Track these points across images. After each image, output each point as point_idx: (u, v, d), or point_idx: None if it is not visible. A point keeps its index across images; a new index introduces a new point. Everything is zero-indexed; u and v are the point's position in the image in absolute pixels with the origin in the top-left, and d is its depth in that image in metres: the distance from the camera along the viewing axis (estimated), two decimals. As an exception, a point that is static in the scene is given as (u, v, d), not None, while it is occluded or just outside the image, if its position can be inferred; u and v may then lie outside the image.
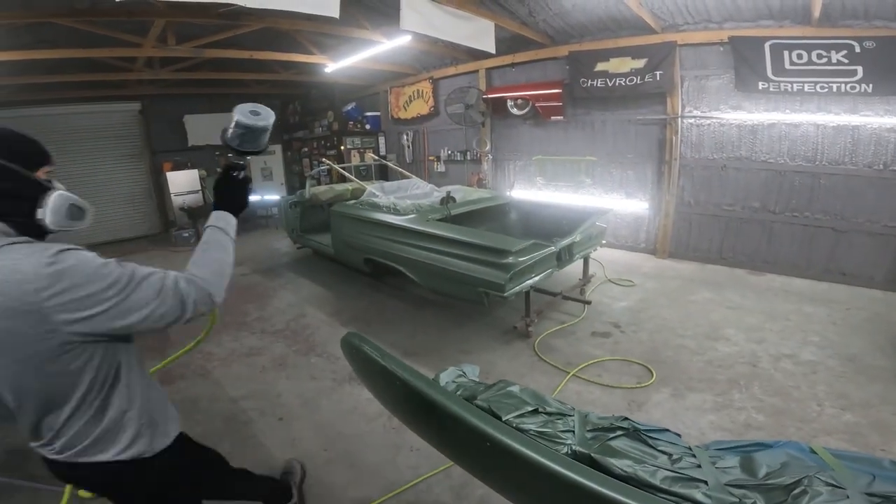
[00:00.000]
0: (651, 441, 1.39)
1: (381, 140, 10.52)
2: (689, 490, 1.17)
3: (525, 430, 1.44)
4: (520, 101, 7.61)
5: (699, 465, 1.26)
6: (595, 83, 6.72)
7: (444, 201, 5.11)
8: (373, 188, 4.47)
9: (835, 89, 5.10)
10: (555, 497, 1.17)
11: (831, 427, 2.91)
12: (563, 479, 1.08)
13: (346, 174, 6.10)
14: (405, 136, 10.02)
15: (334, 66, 8.02)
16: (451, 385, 1.87)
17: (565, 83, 7.09)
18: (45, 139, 1.39)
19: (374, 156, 8.20)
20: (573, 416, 1.52)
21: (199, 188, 10.33)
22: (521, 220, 5.86)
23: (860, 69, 4.93)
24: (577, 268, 5.25)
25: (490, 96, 7.91)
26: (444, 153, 9.25)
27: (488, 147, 8.51)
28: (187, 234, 9.27)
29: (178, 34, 6.31)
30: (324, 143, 11.19)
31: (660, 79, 6.20)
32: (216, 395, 3.67)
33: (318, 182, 7.98)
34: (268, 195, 10.70)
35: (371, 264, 5.33)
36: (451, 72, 8.72)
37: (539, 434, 1.43)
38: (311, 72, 9.48)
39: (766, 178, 5.90)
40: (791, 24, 5.30)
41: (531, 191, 7.79)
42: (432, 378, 1.79)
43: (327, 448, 2.99)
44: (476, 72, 8.33)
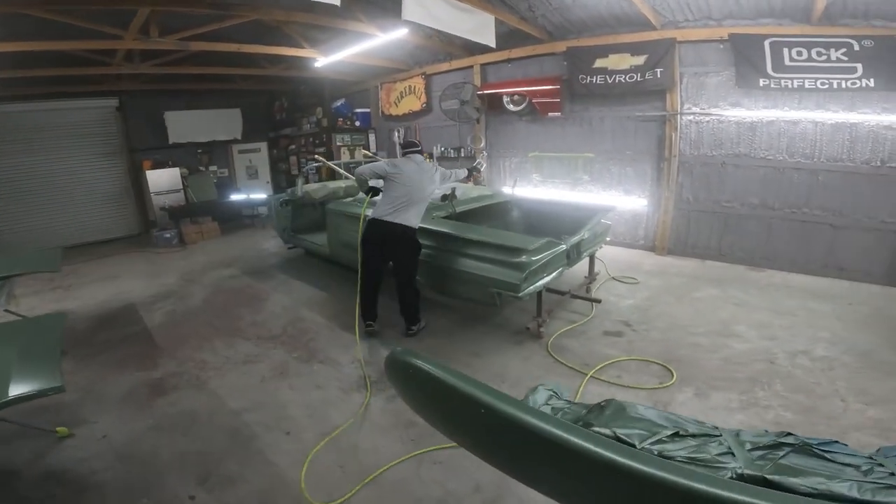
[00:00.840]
0: (828, 454, 1.27)
1: (372, 137, 10.28)
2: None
3: (671, 458, 1.25)
4: (516, 97, 7.47)
5: (893, 473, 1.16)
6: (594, 80, 6.63)
7: (445, 198, 4.95)
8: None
9: (835, 85, 5.11)
10: None
11: (859, 423, 2.89)
12: None
13: (339, 170, 5.86)
14: (396, 133, 9.78)
15: (325, 60, 7.78)
16: (545, 408, 1.66)
17: (563, 79, 6.98)
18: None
19: (367, 152, 7.95)
20: (722, 436, 1.36)
21: (181, 187, 9.95)
22: (522, 217, 5.73)
23: (859, 66, 4.95)
24: (581, 266, 5.15)
25: (486, 92, 7.74)
26: (437, 150, 9.05)
27: (483, 144, 8.35)
28: (169, 235, 8.87)
29: (161, 26, 5.99)
30: (312, 140, 10.90)
31: (660, 76, 6.13)
32: (215, 408, 3.43)
33: (307, 180, 7.68)
34: (253, 194, 10.36)
35: None
36: (445, 67, 8.52)
37: (691, 460, 1.26)
38: (300, 66, 9.16)
39: (764, 175, 5.90)
40: (791, 22, 5.29)
41: (527, 187, 7.65)
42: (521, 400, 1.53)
43: (343, 465, 2.78)
44: (471, 67, 8.15)
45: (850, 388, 3.23)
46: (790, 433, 1.38)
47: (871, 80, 4.93)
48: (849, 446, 1.37)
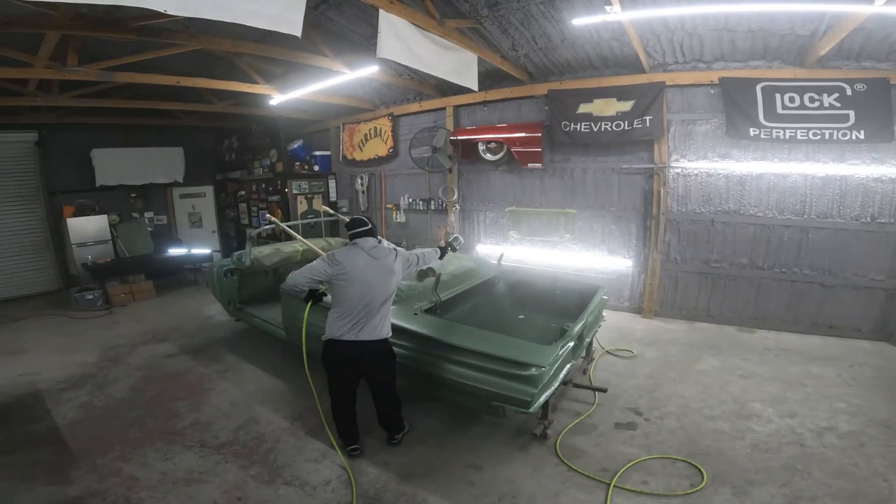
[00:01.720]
0: None
1: (332, 183, 9.42)
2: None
3: None
4: (493, 145, 6.94)
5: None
6: (578, 127, 6.21)
7: (423, 275, 4.19)
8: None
9: (827, 136, 5.08)
10: None
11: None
12: None
13: (296, 235, 4.97)
14: (359, 180, 8.98)
15: (281, 97, 7.03)
16: None
17: (545, 125, 6.52)
18: None
19: (326, 208, 7.01)
20: None
21: (109, 238, 8.67)
22: (511, 292, 5.12)
23: (852, 113, 4.90)
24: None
25: (460, 138, 7.15)
26: (403, 201, 8.34)
27: (456, 196, 7.73)
28: (92, 297, 7.59)
29: (82, 52, 5.09)
30: (265, 186, 9.97)
31: (649, 124, 5.81)
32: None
33: (256, 242, 6.63)
34: (196, 248, 9.19)
35: None
36: (415, 108, 7.93)
37: None
38: (252, 103, 8.37)
39: (754, 233, 5.77)
40: (782, 64, 5.26)
41: (504, 247, 6.99)
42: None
43: None
44: (443, 109, 7.59)
45: (888, 466, 3.16)
46: None
47: (860, 132, 4.93)
48: None
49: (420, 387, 3.75)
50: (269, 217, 5.50)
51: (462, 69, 5.16)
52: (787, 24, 4.60)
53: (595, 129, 6.10)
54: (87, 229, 8.49)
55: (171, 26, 5.04)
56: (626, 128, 5.92)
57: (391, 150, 8.34)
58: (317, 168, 9.45)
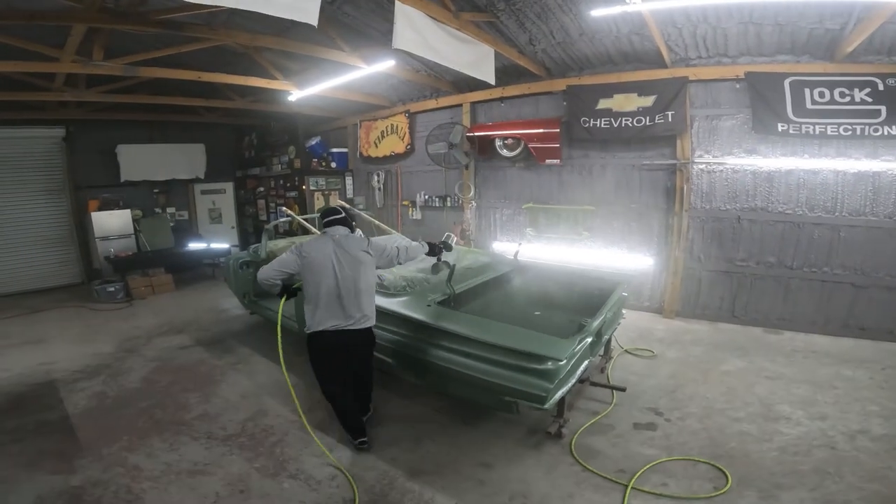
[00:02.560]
0: None
1: (349, 180, 9.45)
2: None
3: None
4: (510, 141, 6.85)
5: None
6: (597, 123, 6.09)
7: (437, 269, 4.14)
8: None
9: (858, 132, 4.91)
10: None
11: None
12: None
13: (312, 228, 4.96)
14: (376, 177, 8.97)
15: (300, 93, 7.05)
16: None
17: (563, 121, 6.41)
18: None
19: (343, 202, 7.03)
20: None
21: (132, 232, 8.83)
22: (527, 287, 5.01)
23: (883, 109, 4.72)
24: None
25: (476, 134, 7.08)
26: (420, 198, 8.31)
27: (472, 192, 7.65)
28: (113, 289, 7.73)
29: (107, 48, 5.17)
30: (283, 182, 10.03)
31: (671, 120, 5.66)
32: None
33: (274, 234, 6.68)
34: (215, 243, 9.30)
35: None
36: (432, 105, 7.88)
37: None
38: (271, 100, 8.42)
39: (783, 231, 5.56)
40: (811, 59, 5.08)
41: (526, 246, 6.89)
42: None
43: None
44: (459, 106, 7.54)
45: (923, 469, 3.00)
46: None
47: (893, 128, 4.75)
48: None
49: (431, 381, 3.67)
50: (286, 210, 5.52)
51: (478, 62, 5.09)
52: (815, 18, 4.45)
53: (615, 125, 5.97)
54: (110, 223, 8.65)
55: (192, 20, 5.09)
56: (647, 123, 5.78)
57: (408, 146, 8.31)
58: (334, 165, 9.46)
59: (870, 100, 4.75)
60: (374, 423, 3.72)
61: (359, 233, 3.85)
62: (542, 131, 6.51)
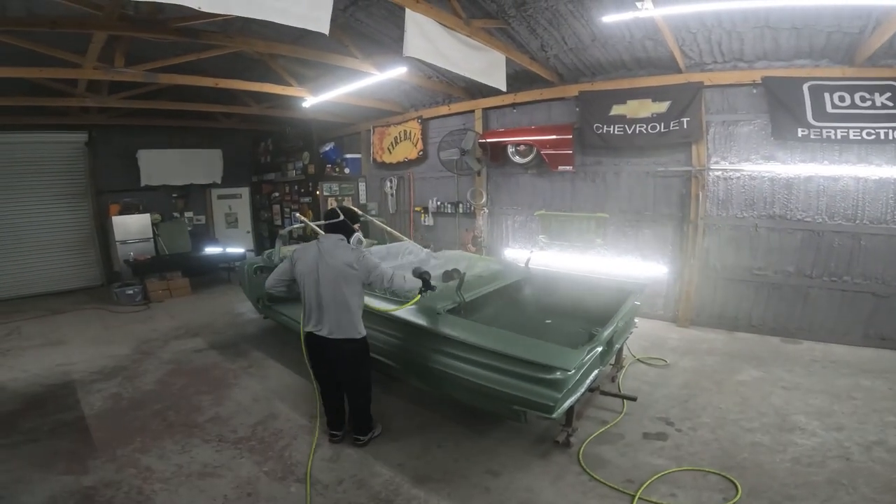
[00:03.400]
0: None
1: (362, 186, 9.51)
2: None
3: None
4: (523, 148, 6.83)
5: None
6: (611, 129, 6.04)
7: (448, 277, 4.17)
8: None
9: (881, 136, 4.78)
10: None
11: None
12: None
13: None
14: (389, 183, 9.03)
15: (314, 99, 7.15)
16: None
17: (576, 127, 6.37)
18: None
19: (355, 208, 7.06)
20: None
21: (151, 236, 9.00)
22: (538, 296, 5.00)
23: None
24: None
25: (489, 140, 7.08)
26: (432, 204, 8.33)
27: (484, 199, 7.64)
28: (132, 292, 7.88)
29: (128, 54, 5.30)
30: (297, 187, 10.16)
31: (686, 126, 5.59)
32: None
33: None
34: (231, 247, 9.43)
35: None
36: (444, 111, 7.91)
37: None
38: (286, 106, 8.54)
39: (802, 240, 5.44)
40: (829, 63, 5.00)
41: (534, 251, 6.84)
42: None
43: None
44: (472, 112, 7.55)
45: (940, 482, 2.93)
46: None
47: None
48: None
49: (440, 388, 3.66)
50: (299, 216, 5.58)
51: (490, 69, 5.09)
52: (833, 21, 4.37)
53: (629, 132, 5.92)
54: (130, 227, 8.82)
55: (209, 28, 5.19)
56: (661, 130, 5.72)
57: (420, 152, 8.35)
58: (347, 171, 9.54)
59: (891, 104, 4.66)
60: (380, 437, 3.68)
61: (357, 239, 3.86)
62: (554, 138, 6.48)
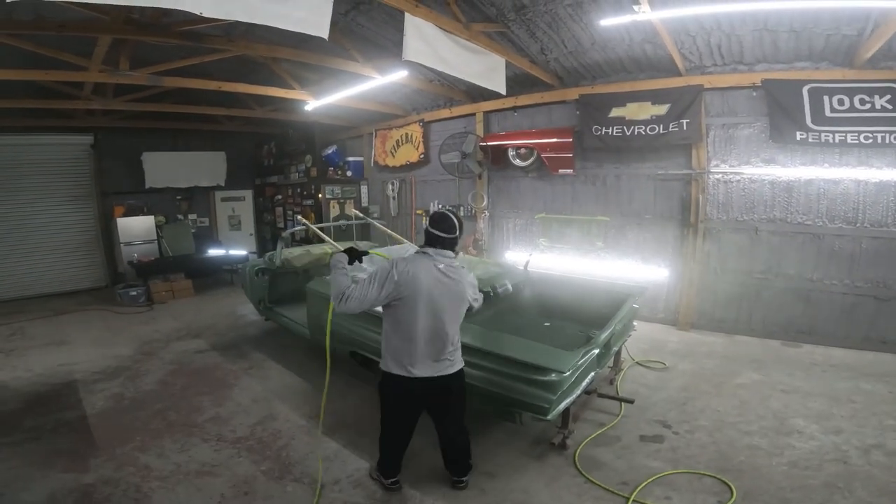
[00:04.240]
0: None
1: (364, 189, 9.58)
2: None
3: None
4: (523, 151, 6.85)
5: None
6: (609, 131, 6.05)
7: None
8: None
9: (879, 139, 4.79)
10: None
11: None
12: None
13: (326, 238, 5.04)
14: (391, 186, 9.08)
15: (316, 103, 7.20)
16: None
17: (576, 130, 6.39)
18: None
19: (358, 212, 7.12)
20: None
21: (155, 237, 9.07)
22: (537, 298, 5.00)
23: None
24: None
25: (489, 143, 7.11)
26: (433, 207, 8.35)
27: (485, 202, 7.67)
28: (135, 293, 7.96)
29: (133, 58, 5.37)
30: (300, 190, 10.20)
31: (686, 128, 5.59)
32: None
33: (290, 242, 6.80)
34: (234, 249, 9.49)
35: (360, 358, 4.29)
36: (445, 114, 7.95)
37: None
38: (289, 109, 8.59)
39: (802, 243, 5.44)
40: (829, 65, 5.00)
41: (534, 254, 6.84)
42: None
43: None
44: (473, 115, 7.60)
45: (937, 485, 2.94)
46: None
47: None
48: None
49: None
50: (301, 219, 5.61)
51: (490, 73, 5.12)
52: (831, 24, 4.37)
53: (628, 134, 5.93)
54: (135, 229, 8.91)
55: (212, 31, 5.24)
56: (661, 132, 5.73)
57: (422, 155, 8.38)
58: (350, 174, 9.60)
59: (890, 107, 4.65)
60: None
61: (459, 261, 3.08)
62: (554, 141, 6.50)
